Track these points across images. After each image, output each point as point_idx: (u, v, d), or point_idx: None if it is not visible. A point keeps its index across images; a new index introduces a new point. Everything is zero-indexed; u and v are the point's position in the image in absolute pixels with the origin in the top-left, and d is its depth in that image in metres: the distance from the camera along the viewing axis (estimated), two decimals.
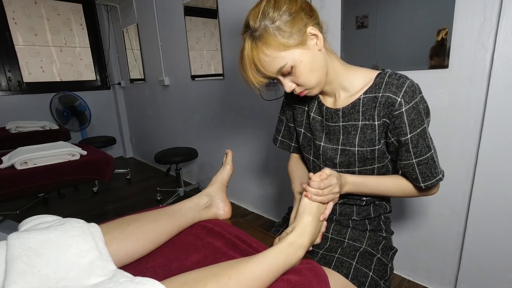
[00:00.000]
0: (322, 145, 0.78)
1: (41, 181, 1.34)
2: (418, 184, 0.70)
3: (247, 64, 0.63)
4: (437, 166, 0.69)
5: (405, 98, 0.63)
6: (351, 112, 0.72)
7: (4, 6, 2.91)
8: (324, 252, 0.78)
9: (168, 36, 2.65)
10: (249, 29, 0.62)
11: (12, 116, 2.98)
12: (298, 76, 0.65)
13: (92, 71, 3.64)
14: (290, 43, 0.60)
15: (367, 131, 0.70)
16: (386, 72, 0.68)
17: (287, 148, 0.94)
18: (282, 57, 0.61)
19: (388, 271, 0.76)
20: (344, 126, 0.73)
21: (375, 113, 0.68)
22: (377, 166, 0.73)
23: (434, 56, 1.12)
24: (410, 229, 1.37)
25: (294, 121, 0.87)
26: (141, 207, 2.25)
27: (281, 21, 0.59)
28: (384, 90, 0.66)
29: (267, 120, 1.91)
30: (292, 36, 0.60)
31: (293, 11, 0.60)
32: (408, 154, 0.68)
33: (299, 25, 0.60)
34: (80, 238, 0.50)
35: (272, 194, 2.08)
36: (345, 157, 0.74)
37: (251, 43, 0.62)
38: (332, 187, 0.64)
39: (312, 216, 0.61)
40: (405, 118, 0.64)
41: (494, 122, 1.03)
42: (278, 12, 0.59)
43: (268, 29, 0.59)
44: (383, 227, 0.82)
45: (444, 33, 1.08)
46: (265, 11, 0.60)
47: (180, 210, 0.73)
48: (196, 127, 2.63)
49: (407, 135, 0.66)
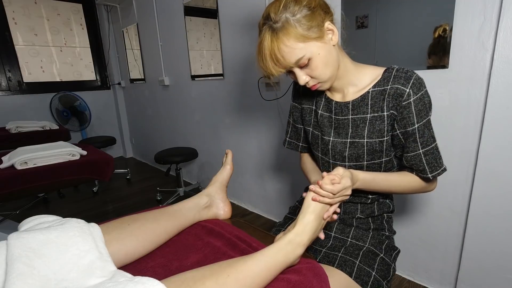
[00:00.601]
0: (331, 140, 0.79)
1: (41, 181, 1.34)
2: (426, 175, 0.72)
3: (267, 55, 0.65)
4: (441, 157, 0.72)
5: (413, 89, 0.66)
6: (360, 105, 0.74)
7: (4, 6, 2.91)
8: (327, 250, 0.78)
9: (168, 36, 2.65)
10: (268, 21, 0.64)
11: (12, 116, 2.98)
12: (314, 68, 0.67)
13: (92, 71, 3.64)
14: (309, 35, 0.63)
15: (376, 122, 0.72)
16: (393, 67, 0.71)
17: (294, 148, 0.97)
18: (301, 49, 0.63)
19: (391, 271, 0.76)
20: (353, 119, 0.75)
21: (384, 104, 0.70)
22: (384, 160, 0.75)
23: (432, 55, 1.12)
24: (410, 229, 1.37)
25: (302, 121, 0.90)
26: (141, 207, 2.26)
27: (301, 14, 0.62)
28: (392, 83, 0.69)
29: (267, 120, 1.91)
30: (312, 29, 0.63)
31: (312, 6, 0.63)
32: (415, 145, 0.70)
33: (317, 20, 0.63)
34: (80, 239, 0.50)
35: (272, 194, 2.08)
36: (354, 149, 0.75)
37: (271, 34, 0.63)
38: (345, 190, 0.63)
39: (315, 215, 0.61)
40: (413, 108, 0.67)
41: (494, 122, 1.03)
42: (299, 6, 0.62)
43: (289, 21, 0.62)
44: (385, 226, 0.83)
45: (441, 30, 1.08)
46: (287, 4, 0.62)
47: (180, 210, 0.73)
48: (196, 127, 2.63)
49: (414, 125, 0.68)
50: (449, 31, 1.07)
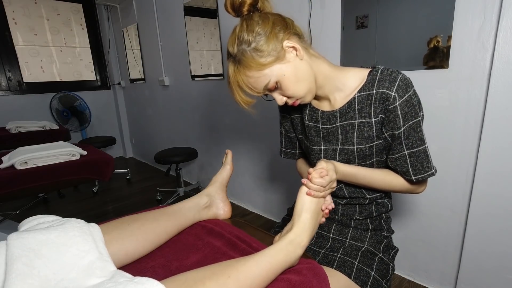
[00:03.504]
0: (322, 149, 0.79)
1: (41, 181, 1.33)
2: (409, 178, 0.71)
3: (234, 88, 0.68)
4: (430, 161, 0.70)
5: (399, 92, 0.65)
6: (347, 111, 0.73)
7: (4, 6, 2.91)
8: (326, 252, 0.78)
9: (168, 36, 2.65)
10: (230, 56, 0.66)
11: (12, 116, 2.98)
12: (285, 89, 0.67)
13: (92, 71, 3.63)
14: (268, 60, 0.63)
15: (364, 128, 0.71)
16: (377, 69, 0.69)
17: (292, 157, 0.96)
18: (265, 75, 0.64)
19: (389, 270, 0.76)
20: (342, 126, 0.75)
21: (371, 110, 0.69)
22: (376, 159, 0.75)
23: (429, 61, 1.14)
24: (410, 229, 1.37)
25: (294, 130, 0.89)
26: (141, 207, 2.26)
27: (256, 42, 0.62)
28: (377, 87, 0.67)
29: (267, 120, 1.91)
30: (270, 53, 0.63)
31: (266, 29, 0.63)
32: (400, 146, 0.69)
33: (274, 42, 0.63)
34: (80, 239, 0.50)
35: (272, 194, 2.08)
36: (344, 155, 0.76)
37: (233, 68, 0.66)
38: (332, 182, 0.65)
39: (311, 213, 0.61)
40: (399, 112, 0.66)
41: (494, 122, 1.03)
42: (252, 34, 0.62)
43: (245, 53, 0.63)
44: (384, 226, 0.83)
45: (435, 41, 1.09)
46: (240, 36, 0.63)
47: (180, 210, 0.73)
48: (196, 127, 2.63)
49: (400, 128, 0.67)
50: (442, 41, 1.08)
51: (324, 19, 1.42)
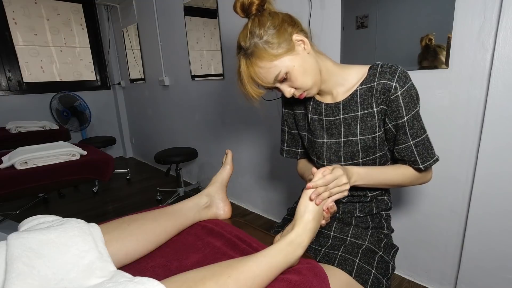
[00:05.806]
0: (325, 142, 0.80)
1: (41, 181, 1.34)
2: (418, 166, 0.74)
3: (246, 80, 0.70)
4: (433, 147, 0.73)
5: (399, 83, 0.68)
6: (350, 103, 0.76)
7: (4, 6, 2.91)
8: (327, 250, 0.78)
9: (168, 36, 2.65)
10: (241, 50, 0.69)
11: (12, 116, 2.98)
12: (294, 80, 0.70)
13: (92, 71, 3.63)
14: (279, 52, 0.66)
15: (367, 119, 0.74)
16: (378, 64, 0.73)
17: (294, 155, 0.97)
18: (275, 66, 0.67)
19: (390, 269, 0.77)
20: (345, 118, 0.77)
21: (373, 100, 0.72)
22: (378, 155, 0.76)
23: (423, 61, 1.14)
24: (410, 229, 1.37)
25: (297, 127, 0.90)
26: (141, 207, 2.25)
27: (268, 35, 0.66)
28: (379, 79, 0.71)
29: (267, 120, 1.91)
30: (280, 45, 0.66)
31: (276, 24, 0.67)
32: (406, 137, 0.72)
33: (284, 35, 0.67)
34: (80, 239, 0.50)
35: (272, 193, 2.08)
36: (348, 148, 0.77)
37: (245, 60, 0.68)
38: (339, 180, 0.64)
39: (313, 215, 0.61)
40: (401, 101, 0.69)
41: (494, 122, 1.03)
42: (263, 28, 0.66)
43: (258, 45, 0.66)
44: (384, 224, 0.84)
45: (427, 40, 1.10)
46: (252, 30, 0.67)
47: (180, 210, 0.73)
48: (196, 127, 2.63)
49: (403, 118, 0.70)
50: (434, 40, 1.09)
51: (324, 19, 1.42)
